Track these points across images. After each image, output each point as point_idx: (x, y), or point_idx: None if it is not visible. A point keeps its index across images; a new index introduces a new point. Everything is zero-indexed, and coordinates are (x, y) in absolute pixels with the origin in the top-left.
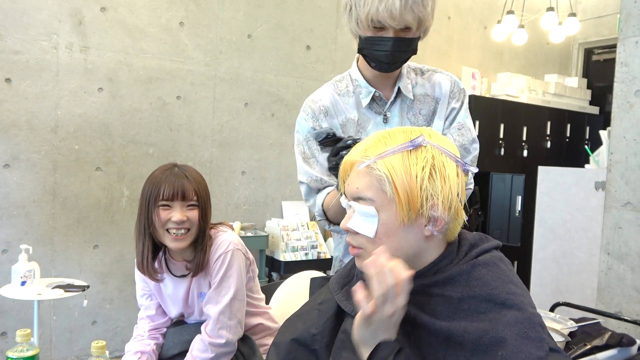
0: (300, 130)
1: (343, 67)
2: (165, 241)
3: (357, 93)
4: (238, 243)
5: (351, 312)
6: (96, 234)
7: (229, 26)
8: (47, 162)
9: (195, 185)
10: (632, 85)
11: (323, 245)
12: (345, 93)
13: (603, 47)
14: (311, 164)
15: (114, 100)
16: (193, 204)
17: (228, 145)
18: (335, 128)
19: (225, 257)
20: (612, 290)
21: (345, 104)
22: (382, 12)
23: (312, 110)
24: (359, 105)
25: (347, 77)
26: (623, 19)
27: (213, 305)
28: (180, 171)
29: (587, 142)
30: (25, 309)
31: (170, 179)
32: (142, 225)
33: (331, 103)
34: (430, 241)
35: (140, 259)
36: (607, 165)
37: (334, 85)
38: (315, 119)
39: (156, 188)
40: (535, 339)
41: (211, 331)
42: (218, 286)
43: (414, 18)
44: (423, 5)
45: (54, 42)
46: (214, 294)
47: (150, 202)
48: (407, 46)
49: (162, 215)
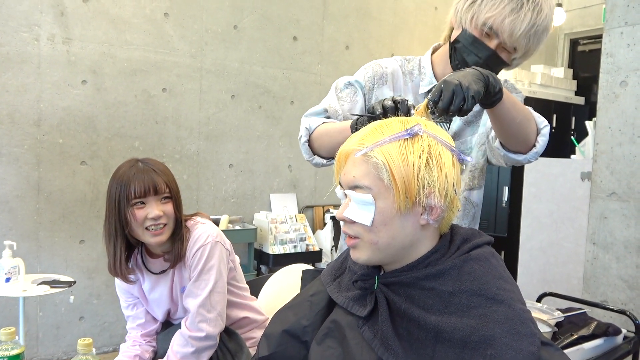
0: (351, 78)
1: (330, 58)
2: (145, 238)
3: (419, 78)
4: (216, 235)
5: (342, 304)
6: (82, 229)
7: (214, 17)
8: (30, 156)
9: (164, 177)
10: (617, 75)
11: (312, 237)
12: (409, 74)
13: (589, 37)
14: (340, 102)
15: (98, 92)
16: (166, 197)
17: (215, 138)
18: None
19: (203, 249)
20: (598, 280)
21: (405, 84)
22: (506, 25)
23: (375, 72)
24: (416, 90)
25: (416, 61)
26: (608, 9)
27: (192, 298)
28: (145, 166)
29: (573, 133)
30: (11, 306)
31: (138, 175)
32: (112, 226)
33: (393, 75)
34: (425, 231)
35: (113, 261)
36: (593, 156)
37: (402, 61)
38: (372, 81)
39: (126, 187)
40: (527, 335)
41: (191, 325)
42: (197, 279)
43: (526, 46)
44: (539, 41)
45: (35, 34)
46: (193, 287)
47: (122, 202)
48: (496, 65)
49: (138, 214)
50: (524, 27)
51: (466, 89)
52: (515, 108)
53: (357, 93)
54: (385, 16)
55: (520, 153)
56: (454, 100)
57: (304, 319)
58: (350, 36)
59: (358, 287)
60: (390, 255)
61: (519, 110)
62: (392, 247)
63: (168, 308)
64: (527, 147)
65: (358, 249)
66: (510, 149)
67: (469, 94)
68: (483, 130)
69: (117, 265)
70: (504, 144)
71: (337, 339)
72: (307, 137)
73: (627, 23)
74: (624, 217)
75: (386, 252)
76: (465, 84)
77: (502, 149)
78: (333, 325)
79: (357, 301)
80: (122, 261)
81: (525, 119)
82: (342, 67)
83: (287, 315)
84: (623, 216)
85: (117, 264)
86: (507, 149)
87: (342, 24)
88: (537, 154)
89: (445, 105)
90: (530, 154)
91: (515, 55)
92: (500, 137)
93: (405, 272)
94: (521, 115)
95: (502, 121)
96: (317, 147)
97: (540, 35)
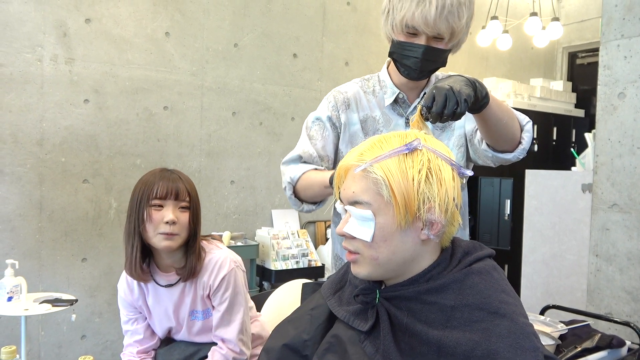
0: (317, 113)
1: (330, 75)
2: (156, 241)
3: (382, 93)
4: (237, 260)
5: (343, 318)
6: (84, 247)
7: (215, 35)
8: (33, 175)
9: (188, 186)
10: (615, 87)
11: (314, 253)
12: (371, 92)
13: (586, 50)
14: (312, 142)
15: (100, 111)
16: (185, 206)
17: (216, 155)
18: (354, 123)
19: (229, 277)
20: (602, 292)
21: (369, 102)
22: (417, 17)
23: (336, 100)
24: (381, 105)
25: (375, 78)
26: (604, 22)
27: (227, 327)
28: (173, 174)
29: (574, 145)
30: (13, 325)
31: (163, 178)
32: (132, 225)
33: (355, 98)
34: (426, 246)
35: (129, 260)
36: (593, 168)
37: (361, 82)
38: (335, 109)
39: (149, 187)
40: (530, 349)
41: (234, 349)
42: (229, 308)
43: (448, 28)
44: (458, 17)
45: (38, 55)
46: (226, 315)
47: (143, 200)
48: (436, 56)
49: (154, 216)
50: (434, 13)
51: (458, 92)
52: (501, 109)
53: (325, 128)
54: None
55: (507, 152)
56: (447, 104)
57: (304, 333)
58: (350, 52)
59: (359, 301)
60: (391, 270)
61: (504, 110)
62: (393, 262)
63: (170, 326)
64: (514, 145)
65: (358, 264)
66: (498, 149)
67: (461, 97)
68: (460, 132)
69: (134, 264)
70: (492, 145)
71: (339, 353)
72: (292, 189)
73: (624, 36)
74: (626, 228)
75: (387, 267)
76: (456, 89)
77: (489, 150)
78: (334, 340)
79: (359, 315)
80: (138, 260)
81: (510, 119)
82: (341, 83)
83: (287, 329)
84: (625, 227)
85: (134, 262)
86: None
87: (341, 41)
88: (524, 150)
89: (439, 110)
90: (518, 150)
91: (446, 39)
92: (487, 139)
93: (407, 286)
94: (507, 116)
95: (490, 124)
96: (302, 197)
97: (457, 12)
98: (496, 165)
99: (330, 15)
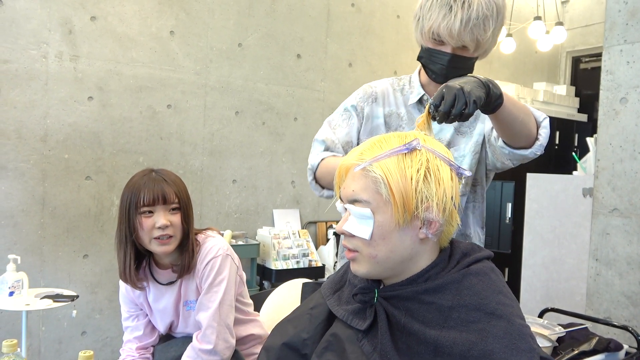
0: (346, 103)
1: (333, 75)
2: (152, 247)
3: (409, 92)
4: (227, 248)
5: (342, 317)
6: (86, 244)
7: (219, 35)
8: (36, 171)
9: (175, 188)
10: (617, 92)
11: (314, 253)
12: (399, 90)
13: (590, 55)
14: (335, 130)
15: (104, 109)
16: (175, 208)
17: (219, 154)
18: (378, 116)
19: (214, 262)
20: (601, 296)
21: (397, 99)
22: (442, 28)
23: (365, 93)
24: (407, 103)
25: (406, 78)
26: (608, 27)
27: (204, 311)
28: (158, 176)
29: (576, 149)
30: (14, 320)
31: (149, 184)
32: (123, 233)
33: (383, 93)
34: (425, 245)
35: (123, 268)
36: (594, 172)
37: (393, 80)
38: (363, 101)
39: (136, 195)
40: (526, 350)
41: (202, 337)
42: (207, 291)
43: (472, 40)
44: (484, 29)
45: (43, 51)
46: (204, 300)
47: (131, 209)
48: (462, 64)
49: (145, 223)
50: (458, 26)
51: (468, 93)
52: (516, 107)
53: (351, 116)
54: (388, 34)
55: (524, 148)
56: (456, 103)
57: (303, 332)
58: (353, 54)
59: (358, 300)
60: (389, 269)
61: (519, 109)
62: (391, 260)
63: (171, 320)
64: (531, 142)
65: (357, 262)
66: (514, 146)
67: (470, 98)
68: (479, 139)
69: (127, 272)
70: (508, 143)
71: (337, 352)
72: (312, 175)
73: (627, 41)
74: (627, 233)
75: (385, 266)
76: (467, 89)
77: (506, 147)
78: (333, 338)
79: (357, 314)
80: (132, 268)
81: (526, 116)
82: (344, 84)
83: (286, 328)
84: (625, 232)
85: (127, 270)
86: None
87: (345, 42)
88: (541, 146)
89: (447, 109)
90: (535, 146)
91: (471, 50)
92: (504, 137)
93: (405, 286)
94: (522, 113)
95: (505, 123)
96: (322, 183)
97: (483, 24)
98: (515, 164)
99: (334, 17)
